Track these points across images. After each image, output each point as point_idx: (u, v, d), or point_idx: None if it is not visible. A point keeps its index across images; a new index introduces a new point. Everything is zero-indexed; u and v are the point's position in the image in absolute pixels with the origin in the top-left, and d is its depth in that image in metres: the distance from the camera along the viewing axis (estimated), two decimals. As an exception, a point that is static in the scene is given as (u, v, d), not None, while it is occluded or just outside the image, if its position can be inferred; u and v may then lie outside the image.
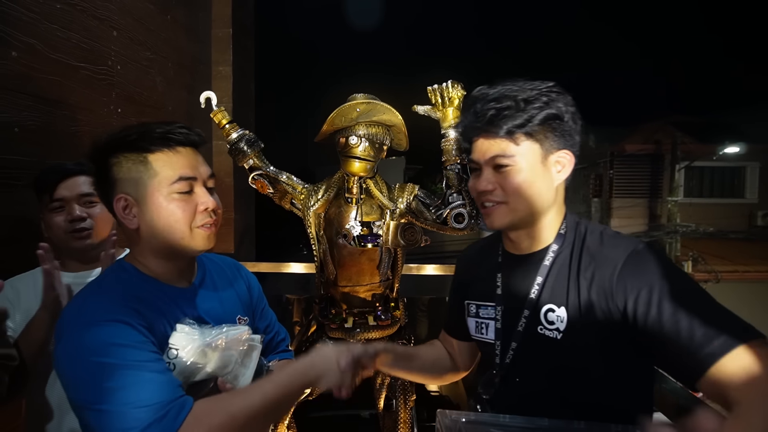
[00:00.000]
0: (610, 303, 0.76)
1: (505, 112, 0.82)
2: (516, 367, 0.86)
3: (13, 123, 1.27)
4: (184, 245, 0.81)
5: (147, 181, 0.78)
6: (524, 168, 0.83)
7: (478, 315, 0.95)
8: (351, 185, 1.51)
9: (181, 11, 2.16)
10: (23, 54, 1.29)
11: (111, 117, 1.69)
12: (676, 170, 9.82)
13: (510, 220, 0.86)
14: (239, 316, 0.94)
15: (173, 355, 0.78)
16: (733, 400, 0.62)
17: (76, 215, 1.15)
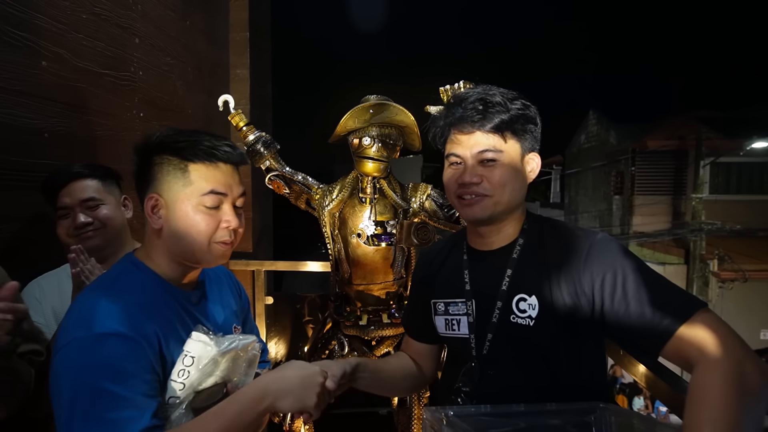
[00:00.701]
0: (578, 287, 0.82)
1: (495, 108, 0.87)
2: (493, 357, 0.89)
3: (43, 129, 1.33)
4: (199, 256, 0.83)
5: (181, 188, 0.80)
6: (508, 164, 0.88)
7: (447, 312, 0.97)
8: (365, 185, 1.53)
9: (199, 17, 2.22)
10: (52, 63, 1.35)
11: (134, 121, 1.75)
12: (701, 166, 9.55)
13: (491, 213, 0.89)
14: (235, 325, 0.96)
15: (189, 363, 0.79)
16: (694, 360, 0.70)
17: (79, 222, 1.15)
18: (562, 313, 0.83)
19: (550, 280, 0.85)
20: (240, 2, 2.54)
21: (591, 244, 0.85)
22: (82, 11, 1.47)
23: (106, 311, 0.75)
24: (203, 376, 0.81)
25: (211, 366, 0.81)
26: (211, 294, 0.94)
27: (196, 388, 0.81)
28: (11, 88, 1.23)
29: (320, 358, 1.65)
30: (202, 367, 0.80)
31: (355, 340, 1.62)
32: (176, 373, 0.79)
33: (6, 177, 1.22)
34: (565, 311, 0.83)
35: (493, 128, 0.86)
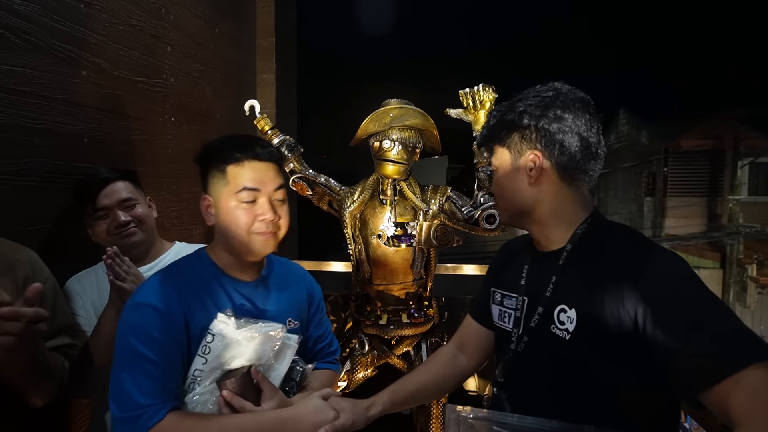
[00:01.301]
0: (620, 309, 0.74)
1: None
2: (525, 359, 0.89)
3: (82, 134, 1.42)
4: (243, 247, 0.95)
5: (222, 187, 0.93)
6: (500, 172, 0.92)
7: (502, 304, 0.99)
8: (385, 187, 1.56)
9: (228, 24, 2.30)
10: (92, 72, 1.44)
11: (165, 125, 1.83)
12: (739, 167, 9.17)
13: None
14: (290, 319, 1.03)
15: (209, 340, 0.89)
16: (736, 421, 0.61)
17: (121, 221, 1.23)
18: (600, 333, 0.76)
19: (592, 295, 0.78)
20: (266, 9, 2.62)
21: (647, 261, 0.75)
22: (119, 23, 1.55)
23: (150, 287, 0.91)
24: (227, 356, 0.89)
25: (235, 347, 0.89)
26: (269, 285, 1.04)
27: (223, 367, 0.89)
28: (55, 97, 1.31)
29: (341, 357, 1.69)
30: (224, 347, 0.88)
31: (375, 339, 1.65)
32: (200, 348, 0.89)
33: (50, 180, 1.30)
34: (603, 331, 0.75)
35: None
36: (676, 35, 33.12)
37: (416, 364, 1.62)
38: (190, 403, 0.87)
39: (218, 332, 0.89)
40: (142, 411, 0.81)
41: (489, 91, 1.45)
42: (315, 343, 1.16)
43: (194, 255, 1.01)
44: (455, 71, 37.03)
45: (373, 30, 34.81)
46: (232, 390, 0.86)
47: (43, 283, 1.02)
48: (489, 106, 1.46)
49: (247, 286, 1.00)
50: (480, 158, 1.47)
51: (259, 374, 0.90)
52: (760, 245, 8.54)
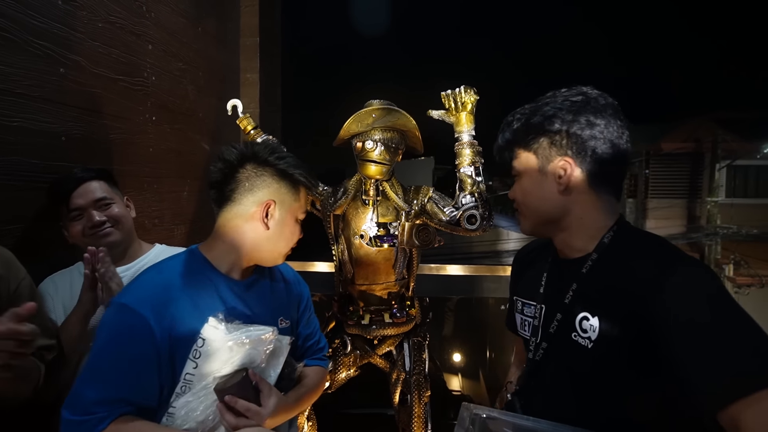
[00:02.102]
0: (643, 321, 0.73)
1: (513, 126, 0.90)
2: (544, 367, 0.87)
3: (60, 132, 1.39)
4: (277, 258, 1.02)
5: (293, 202, 1.00)
6: (524, 176, 0.89)
7: (522, 312, 0.97)
8: (368, 188, 1.57)
9: (211, 23, 2.28)
10: (70, 70, 1.42)
11: (146, 125, 1.81)
12: (717, 169, 9.41)
13: (526, 227, 0.92)
14: (281, 318, 1.05)
15: (200, 345, 0.88)
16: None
17: (95, 221, 1.20)
18: (623, 343, 0.75)
19: (617, 305, 0.77)
20: (250, 7, 2.61)
21: (673, 274, 0.72)
22: (98, 20, 1.53)
23: (140, 288, 0.90)
24: (218, 362, 0.88)
25: (226, 353, 0.88)
26: (261, 285, 1.04)
27: (214, 373, 0.88)
28: (32, 94, 1.29)
29: (324, 356, 1.69)
30: (215, 352, 0.87)
31: (358, 339, 1.66)
32: (191, 352, 0.88)
33: (26, 178, 1.28)
34: (626, 342, 0.74)
35: (506, 147, 0.92)
36: (657, 39, 33.93)
37: (398, 364, 1.63)
38: (178, 409, 0.86)
39: (209, 337, 0.88)
40: (88, 418, 0.79)
41: (471, 93, 1.46)
42: (305, 341, 1.17)
43: (187, 253, 0.99)
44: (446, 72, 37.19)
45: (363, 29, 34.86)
46: (234, 394, 0.86)
47: (19, 283, 1.01)
48: (471, 108, 1.48)
49: (240, 286, 0.99)
50: (462, 159, 1.49)
51: (257, 375, 0.91)
52: (737, 246, 8.77)
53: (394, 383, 1.63)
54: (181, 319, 0.87)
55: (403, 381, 1.61)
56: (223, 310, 0.92)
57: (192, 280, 0.93)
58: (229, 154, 0.97)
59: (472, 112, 1.48)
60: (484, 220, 1.46)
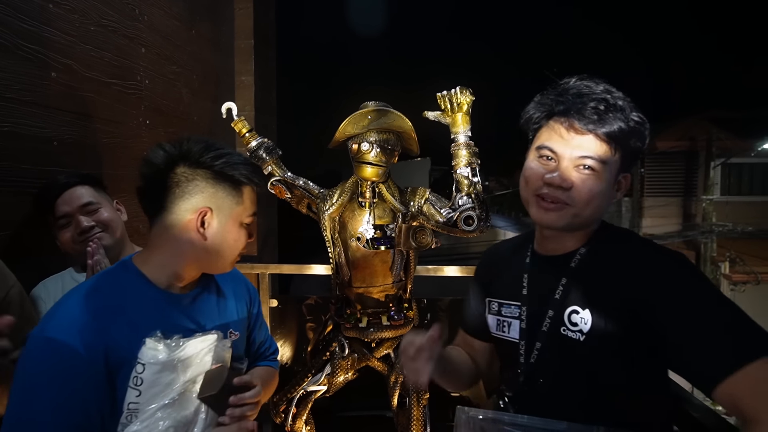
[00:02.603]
0: (636, 310, 0.75)
1: (617, 113, 0.77)
2: (540, 367, 0.85)
3: (52, 137, 1.38)
4: (225, 266, 0.92)
5: (234, 206, 0.87)
6: (605, 178, 0.79)
7: (500, 313, 0.94)
8: (364, 189, 1.56)
9: (205, 25, 2.27)
10: (61, 74, 1.40)
11: (140, 128, 1.80)
12: (712, 167, 9.45)
13: (567, 223, 0.82)
14: (231, 330, 0.96)
15: (140, 371, 0.79)
16: (747, 416, 0.63)
17: (83, 226, 1.16)
18: (616, 332, 0.76)
19: (607, 296, 0.78)
20: (245, 10, 2.60)
21: (659, 264, 0.76)
22: (90, 23, 1.52)
23: (65, 316, 0.78)
24: (164, 383, 0.80)
25: (170, 371, 0.80)
26: (208, 295, 0.95)
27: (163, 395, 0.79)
28: (22, 99, 1.28)
29: (321, 360, 1.68)
30: (158, 374, 0.79)
31: (356, 342, 1.64)
32: (131, 380, 0.79)
33: (17, 183, 1.26)
34: (619, 331, 0.76)
35: (607, 135, 0.77)
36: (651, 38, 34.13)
37: (397, 367, 1.62)
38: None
39: (149, 360, 0.79)
40: None
41: (466, 94, 1.46)
42: (258, 346, 1.13)
43: (119, 268, 0.87)
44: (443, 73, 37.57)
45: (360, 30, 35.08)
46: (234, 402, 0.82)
47: (9, 290, 0.99)
48: (466, 109, 1.47)
49: (184, 299, 0.89)
50: (458, 160, 1.48)
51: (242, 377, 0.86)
52: (732, 243, 8.81)
53: (393, 386, 1.62)
54: (117, 344, 0.77)
55: (402, 384, 1.60)
56: (162, 328, 0.83)
57: (127, 299, 0.82)
58: (155, 156, 0.85)
59: (468, 113, 1.48)
60: (482, 221, 1.45)
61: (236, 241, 0.89)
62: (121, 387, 0.78)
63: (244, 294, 1.05)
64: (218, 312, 0.95)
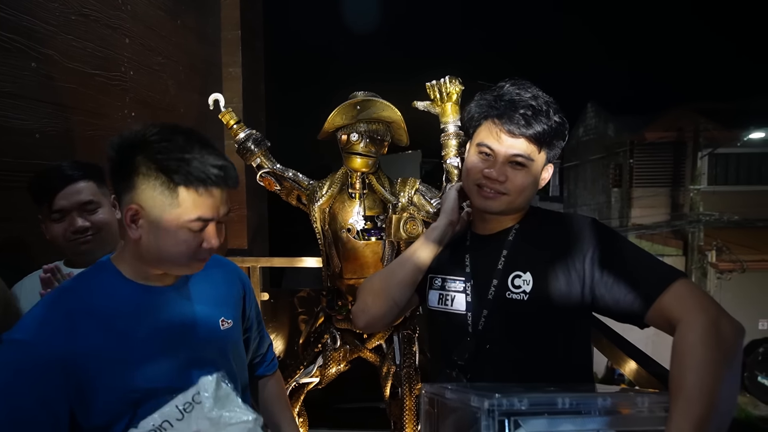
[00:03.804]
0: (569, 264, 0.89)
1: (541, 117, 0.91)
2: (488, 333, 0.94)
3: (34, 129, 1.35)
4: (177, 270, 0.83)
5: (167, 207, 0.76)
6: (533, 172, 0.94)
7: (443, 288, 1.02)
8: (354, 181, 1.55)
9: (191, 16, 2.24)
10: (42, 64, 1.37)
11: (125, 120, 1.77)
12: (699, 158, 9.56)
13: (504, 209, 0.96)
14: (222, 319, 0.91)
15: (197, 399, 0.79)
16: (674, 320, 0.78)
17: (78, 227, 1.11)
18: (555, 287, 0.89)
19: (544, 258, 0.92)
20: (231, 1, 2.56)
21: (581, 225, 0.93)
22: (71, 12, 1.48)
23: (32, 316, 0.76)
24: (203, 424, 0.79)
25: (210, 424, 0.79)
26: (195, 284, 0.90)
27: None
28: (1, 90, 1.25)
29: (313, 352, 1.68)
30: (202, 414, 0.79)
31: (347, 334, 1.64)
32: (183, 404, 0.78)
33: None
34: (558, 286, 0.89)
35: (533, 137, 0.90)
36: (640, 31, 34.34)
37: (389, 357, 1.63)
38: None
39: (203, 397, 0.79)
40: None
41: (455, 83, 1.45)
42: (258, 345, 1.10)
43: (95, 267, 0.84)
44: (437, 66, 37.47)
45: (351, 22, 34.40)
46: None
47: None
48: (456, 98, 1.46)
49: (167, 291, 0.85)
50: (448, 150, 1.48)
51: None
52: (719, 232, 8.94)
53: (385, 377, 1.63)
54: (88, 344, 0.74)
55: (394, 374, 1.60)
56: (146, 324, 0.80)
57: (100, 298, 0.79)
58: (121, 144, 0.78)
59: (457, 103, 1.47)
60: (472, 211, 1.45)
61: (178, 245, 0.78)
62: (98, 387, 0.74)
63: (236, 282, 1.01)
64: (207, 300, 0.91)
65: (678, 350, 0.75)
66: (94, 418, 0.75)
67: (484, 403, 0.65)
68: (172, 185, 0.75)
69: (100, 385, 0.75)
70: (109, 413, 0.76)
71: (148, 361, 0.80)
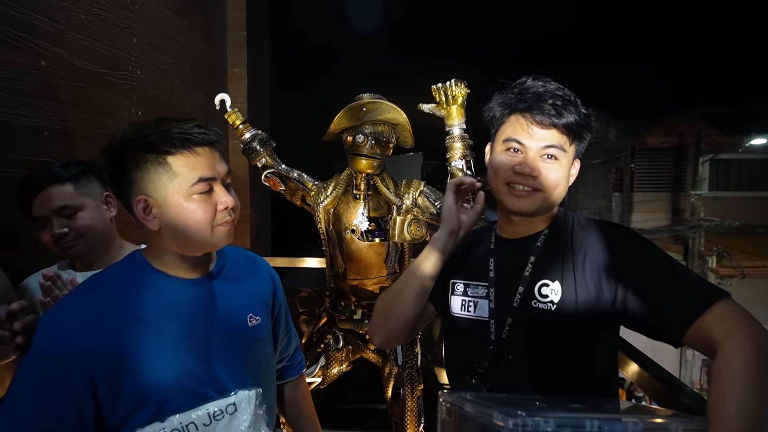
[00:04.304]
0: (601, 275, 0.84)
1: (571, 108, 0.87)
2: (511, 342, 0.89)
3: (42, 128, 1.36)
4: (205, 243, 0.82)
5: (167, 182, 0.77)
6: (566, 165, 0.90)
7: (465, 293, 0.97)
8: (359, 182, 1.56)
9: (197, 16, 2.25)
10: (52, 63, 1.38)
11: (132, 119, 1.78)
12: (700, 163, 9.56)
13: (538, 208, 0.90)
14: (251, 315, 0.91)
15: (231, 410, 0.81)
16: (716, 343, 0.72)
17: (56, 233, 1.08)
18: (584, 299, 0.84)
19: (574, 268, 0.86)
20: (237, 1, 2.57)
21: (616, 234, 0.88)
22: (80, 12, 1.49)
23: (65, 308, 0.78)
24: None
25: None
26: (225, 278, 0.90)
27: None
28: (11, 88, 1.26)
29: (316, 352, 1.69)
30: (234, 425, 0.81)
31: (350, 334, 1.65)
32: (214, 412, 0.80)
33: (6, 175, 1.24)
34: (587, 298, 0.84)
35: (565, 126, 0.86)
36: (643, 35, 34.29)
37: (391, 358, 1.63)
38: None
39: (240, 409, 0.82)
40: None
41: (461, 86, 1.46)
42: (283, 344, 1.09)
43: (127, 259, 0.86)
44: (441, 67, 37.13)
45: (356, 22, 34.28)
46: None
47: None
48: (461, 101, 1.47)
49: (195, 284, 0.86)
50: (453, 152, 1.48)
51: None
52: (720, 238, 8.94)
53: (387, 377, 1.63)
54: (114, 334, 0.76)
55: (396, 375, 1.61)
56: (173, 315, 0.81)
57: (129, 289, 0.80)
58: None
59: (462, 106, 1.48)
60: (476, 214, 1.46)
61: (194, 214, 0.78)
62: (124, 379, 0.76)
63: (266, 278, 1.00)
64: (234, 296, 0.91)
65: (719, 377, 0.68)
66: (120, 408, 0.76)
67: (509, 422, 0.61)
68: (161, 159, 0.77)
69: (126, 378, 0.76)
70: (133, 404, 0.77)
71: (173, 353, 0.80)
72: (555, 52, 39.62)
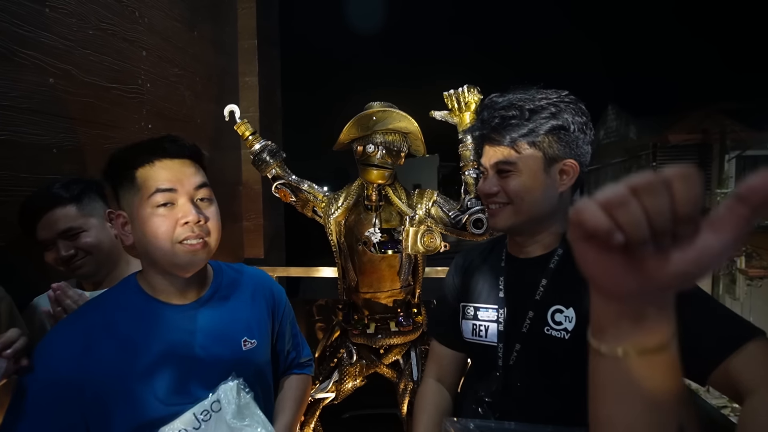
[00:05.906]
0: None
1: (510, 121, 0.87)
2: (519, 368, 0.86)
3: (51, 144, 1.35)
4: (166, 261, 0.79)
5: (133, 196, 0.79)
6: (524, 173, 0.87)
7: (476, 317, 0.95)
8: (370, 193, 1.51)
9: (207, 26, 2.24)
10: (60, 80, 1.37)
11: (142, 133, 1.77)
12: (726, 160, 9.27)
13: (513, 222, 0.89)
14: (245, 339, 0.89)
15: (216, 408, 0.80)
16: (744, 390, 0.65)
17: (62, 255, 1.09)
18: None
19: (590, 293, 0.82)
20: (247, 10, 2.56)
21: None
22: (88, 27, 1.49)
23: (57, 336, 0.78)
24: None
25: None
26: (215, 304, 0.89)
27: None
28: (19, 106, 1.25)
29: (329, 367, 1.64)
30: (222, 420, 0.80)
31: (364, 349, 1.61)
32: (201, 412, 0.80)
33: (13, 194, 1.24)
34: None
35: (511, 142, 0.87)
36: (662, 32, 33.52)
37: (406, 374, 1.58)
38: None
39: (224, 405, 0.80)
40: None
41: (474, 93, 1.41)
42: (287, 355, 1.09)
43: (122, 284, 0.86)
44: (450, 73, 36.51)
45: (365, 30, 34.50)
46: None
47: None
48: (474, 108, 1.42)
49: (185, 310, 0.84)
50: (466, 161, 1.43)
51: None
52: (749, 238, 8.63)
53: (402, 393, 1.58)
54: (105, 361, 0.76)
55: (411, 391, 1.56)
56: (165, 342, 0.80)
57: (121, 315, 0.80)
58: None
59: (476, 112, 1.42)
60: (492, 224, 1.40)
61: (155, 229, 0.77)
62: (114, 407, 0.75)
63: (266, 299, 0.98)
64: (228, 320, 0.89)
65: (746, 428, 0.63)
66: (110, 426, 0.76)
67: None
68: (129, 173, 0.79)
69: (116, 405, 0.75)
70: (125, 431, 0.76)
71: (163, 380, 0.79)
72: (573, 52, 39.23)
